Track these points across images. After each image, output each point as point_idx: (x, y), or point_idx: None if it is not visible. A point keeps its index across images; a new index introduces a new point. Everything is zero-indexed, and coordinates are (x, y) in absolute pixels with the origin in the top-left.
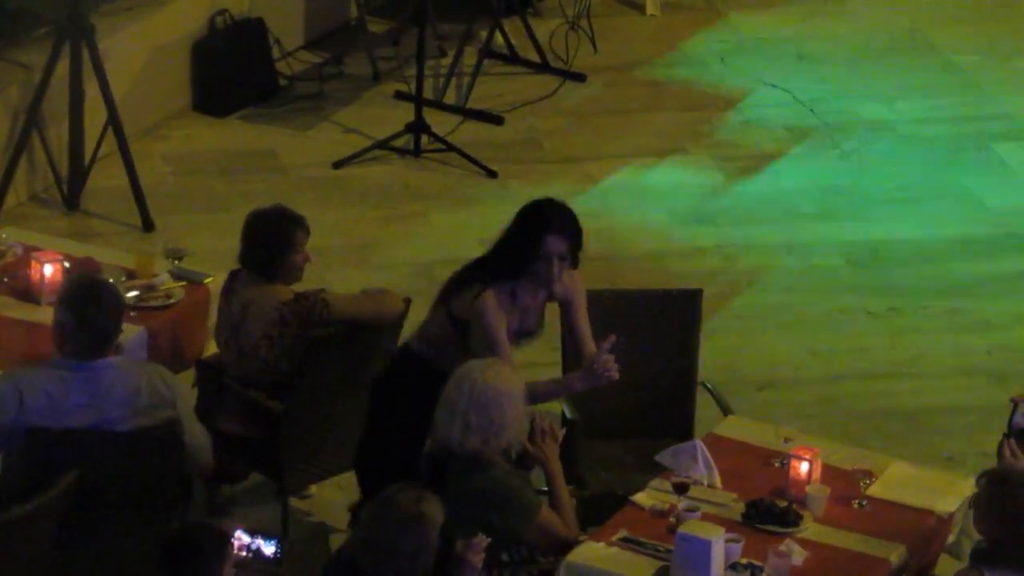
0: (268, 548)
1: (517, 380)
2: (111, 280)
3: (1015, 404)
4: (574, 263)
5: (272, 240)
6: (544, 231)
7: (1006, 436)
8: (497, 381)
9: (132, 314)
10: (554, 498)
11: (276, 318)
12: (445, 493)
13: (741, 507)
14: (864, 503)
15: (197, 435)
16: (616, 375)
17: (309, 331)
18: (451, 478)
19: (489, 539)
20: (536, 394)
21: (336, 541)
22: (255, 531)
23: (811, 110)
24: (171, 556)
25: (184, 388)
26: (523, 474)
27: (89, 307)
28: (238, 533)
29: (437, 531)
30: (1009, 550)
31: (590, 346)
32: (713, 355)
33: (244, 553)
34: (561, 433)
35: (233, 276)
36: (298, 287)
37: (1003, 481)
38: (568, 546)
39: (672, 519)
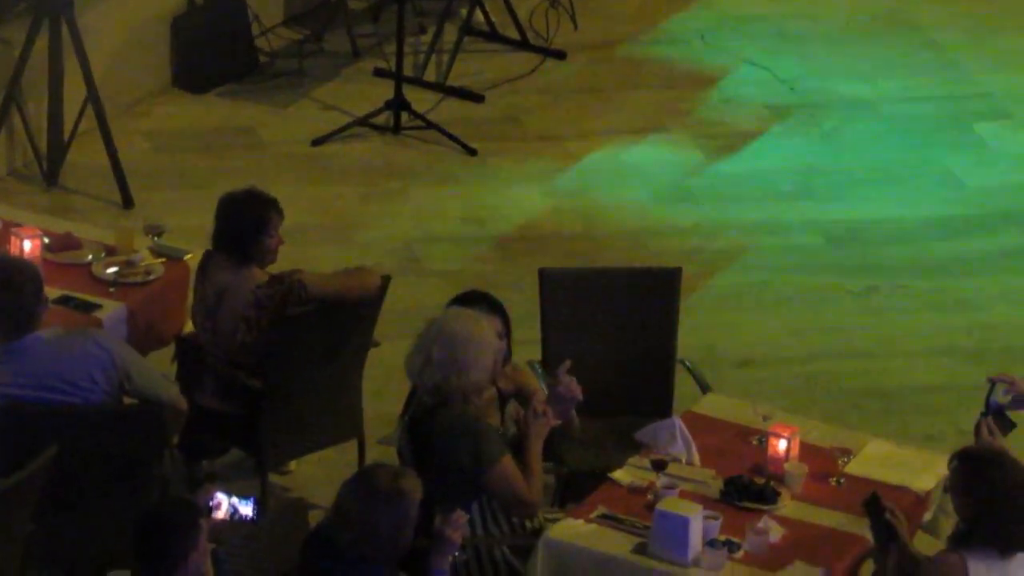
0: (246, 508)
1: (490, 333)
2: (23, 257)
3: (992, 383)
4: (508, 343)
5: (246, 224)
6: None
7: (983, 415)
8: (467, 325)
9: (111, 290)
10: (526, 465)
11: (252, 301)
12: (425, 450)
13: (719, 484)
14: (842, 481)
15: (154, 384)
16: (580, 395)
17: (286, 311)
18: (427, 421)
19: (468, 516)
20: (530, 454)
21: (315, 517)
22: (232, 492)
23: (791, 89)
24: (145, 534)
25: (119, 344)
26: (493, 427)
27: (2, 293)
28: (217, 495)
29: (415, 507)
30: (986, 530)
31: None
32: (692, 333)
33: (223, 514)
34: (552, 421)
35: (207, 257)
36: (275, 266)
37: (975, 461)
38: (527, 506)
39: (650, 496)
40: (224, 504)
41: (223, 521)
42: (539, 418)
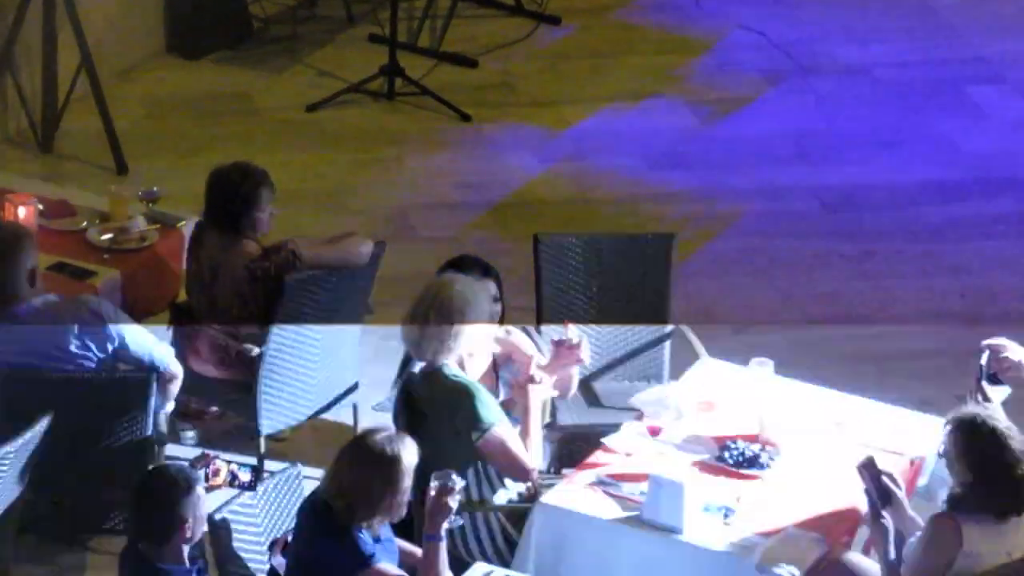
0: (244, 474)
1: (483, 298)
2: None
3: (986, 349)
4: (501, 308)
5: (237, 200)
6: None
7: (978, 381)
8: (462, 291)
9: (106, 257)
10: (523, 430)
11: (247, 277)
12: (419, 416)
13: (714, 449)
14: (837, 446)
15: (149, 350)
16: (585, 360)
17: (282, 280)
18: (417, 389)
19: (464, 481)
20: (528, 420)
21: (310, 484)
22: (231, 460)
23: (786, 53)
24: (143, 497)
25: (114, 310)
26: (482, 388)
27: None
28: (216, 461)
29: (409, 472)
30: (980, 494)
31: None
32: (686, 299)
33: (221, 480)
34: (548, 388)
35: (199, 231)
36: (267, 237)
37: (970, 425)
38: (523, 472)
39: (646, 461)
40: (223, 471)
41: (221, 487)
42: (536, 385)
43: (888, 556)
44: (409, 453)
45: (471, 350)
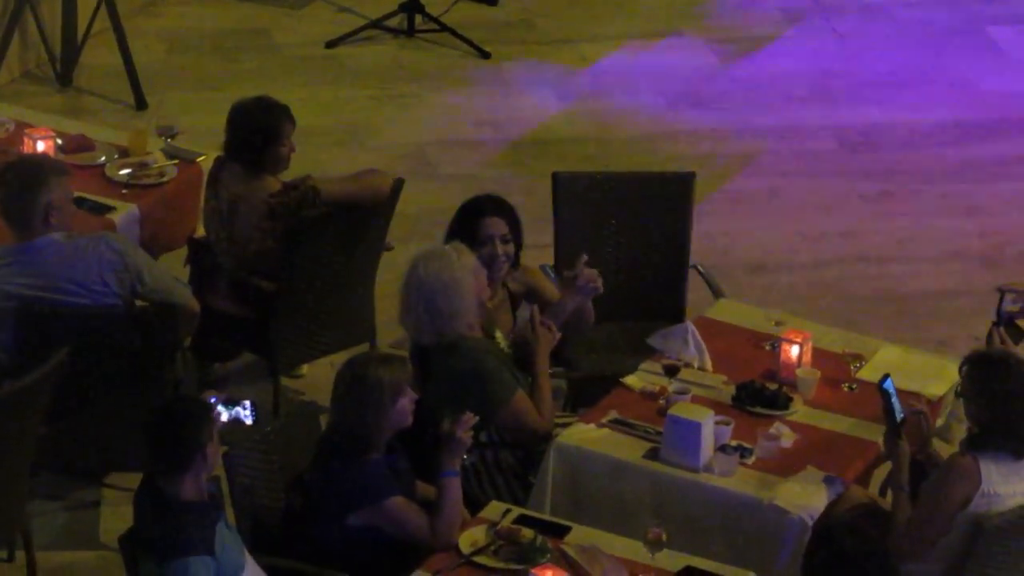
0: (245, 414)
1: (460, 265)
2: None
3: (1003, 293)
4: (518, 247)
5: (258, 132)
6: (479, 216)
7: (995, 324)
8: (441, 275)
9: (124, 192)
10: (536, 388)
11: (266, 211)
12: (431, 380)
13: (731, 389)
14: (854, 386)
15: (167, 286)
16: (601, 287)
17: (300, 216)
18: (432, 366)
19: (476, 416)
20: (537, 371)
21: (326, 420)
22: (229, 400)
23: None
24: (160, 426)
25: (132, 247)
26: (501, 354)
27: (18, 193)
28: (217, 407)
29: (398, 389)
30: (998, 432)
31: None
32: (705, 238)
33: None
34: (556, 336)
35: (219, 166)
36: (288, 170)
37: (987, 364)
38: (538, 437)
39: (662, 401)
40: (224, 415)
41: (226, 424)
42: (544, 333)
43: (900, 480)
44: (386, 374)
45: (470, 324)
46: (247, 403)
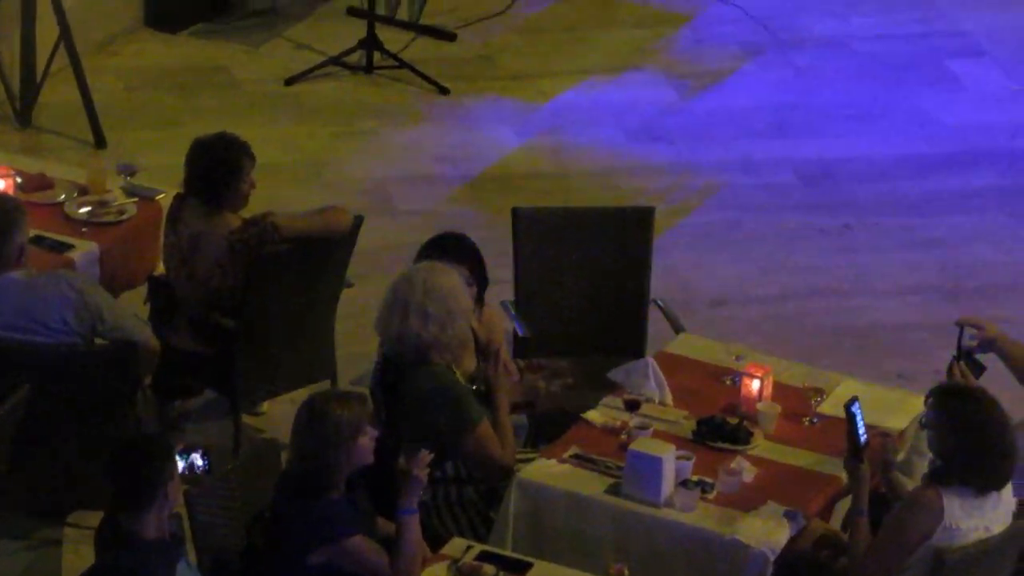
0: (200, 464)
1: (461, 282)
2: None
3: (962, 327)
4: (482, 288)
5: (218, 169)
6: (442, 255)
7: (955, 359)
8: (448, 277)
9: (84, 230)
10: (497, 424)
11: (226, 248)
12: (396, 398)
13: (692, 424)
14: (815, 420)
15: (127, 324)
16: (516, 374)
17: (260, 253)
18: (402, 382)
19: (433, 454)
20: (499, 412)
21: (287, 457)
22: (184, 449)
23: (764, 26)
24: (122, 464)
25: (92, 285)
26: (470, 388)
27: None
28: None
29: (356, 427)
30: (962, 466)
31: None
32: (665, 273)
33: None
34: (516, 373)
35: (179, 203)
36: (248, 205)
37: (953, 396)
38: (502, 471)
39: (624, 436)
40: (179, 464)
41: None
42: (502, 367)
43: (860, 504)
44: (344, 412)
45: (465, 333)
46: (199, 452)
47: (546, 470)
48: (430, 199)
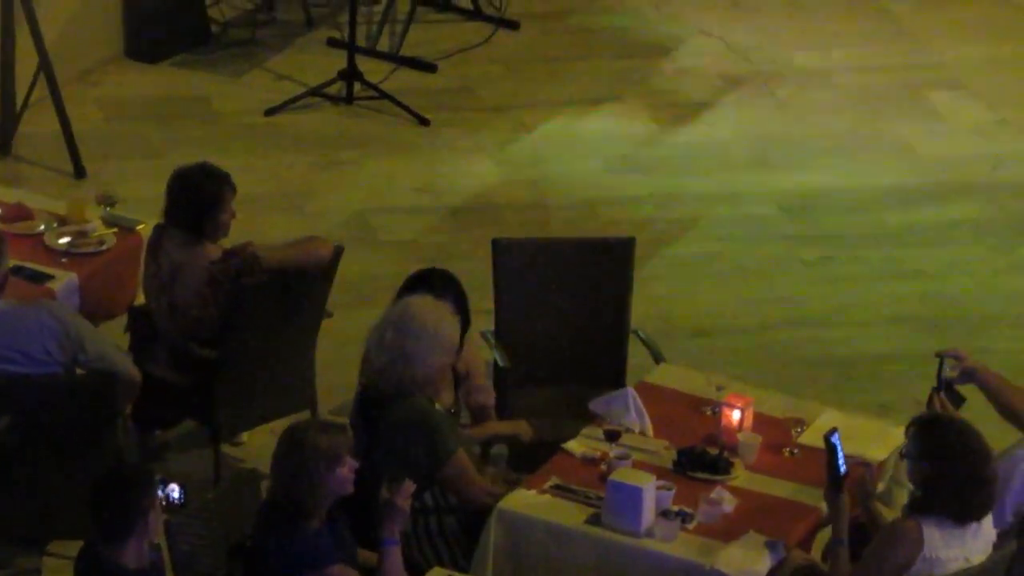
0: (176, 497)
1: (451, 331)
2: None
3: (942, 359)
4: (464, 323)
5: (199, 201)
6: (428, 292)
7: (935, 390)
8: (427, 318)
9: (64, 260)
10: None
11: (207, 279)
12: (375, 428)
13: (672, 455)
14: (795, 451)
15: (107, 354)
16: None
17: (240, 283)
18: (381, 412)
19: (415, 485)
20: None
21: (267, 486)
22: (160, 482)
23: (745, 58)
24: (103, 492)
25: (72, 315)
26: (446, 416)
27: None
28: None
29: (335, 457)
30: (942, 496)
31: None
32: (646, 303)
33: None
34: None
35: (159, 233)
36: (228, 235)
37: (934, 426)
38: (484, 498)
39: (603, 466)
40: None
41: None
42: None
43: (840, 534)
44: (322, 441)
45: (421, 379)
46: (175, 486)
47: (526, 500)
48: (410, 230)
